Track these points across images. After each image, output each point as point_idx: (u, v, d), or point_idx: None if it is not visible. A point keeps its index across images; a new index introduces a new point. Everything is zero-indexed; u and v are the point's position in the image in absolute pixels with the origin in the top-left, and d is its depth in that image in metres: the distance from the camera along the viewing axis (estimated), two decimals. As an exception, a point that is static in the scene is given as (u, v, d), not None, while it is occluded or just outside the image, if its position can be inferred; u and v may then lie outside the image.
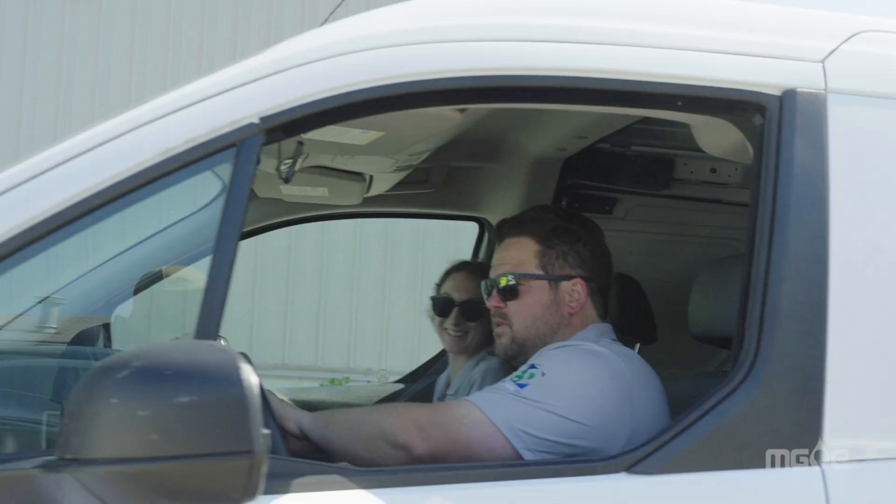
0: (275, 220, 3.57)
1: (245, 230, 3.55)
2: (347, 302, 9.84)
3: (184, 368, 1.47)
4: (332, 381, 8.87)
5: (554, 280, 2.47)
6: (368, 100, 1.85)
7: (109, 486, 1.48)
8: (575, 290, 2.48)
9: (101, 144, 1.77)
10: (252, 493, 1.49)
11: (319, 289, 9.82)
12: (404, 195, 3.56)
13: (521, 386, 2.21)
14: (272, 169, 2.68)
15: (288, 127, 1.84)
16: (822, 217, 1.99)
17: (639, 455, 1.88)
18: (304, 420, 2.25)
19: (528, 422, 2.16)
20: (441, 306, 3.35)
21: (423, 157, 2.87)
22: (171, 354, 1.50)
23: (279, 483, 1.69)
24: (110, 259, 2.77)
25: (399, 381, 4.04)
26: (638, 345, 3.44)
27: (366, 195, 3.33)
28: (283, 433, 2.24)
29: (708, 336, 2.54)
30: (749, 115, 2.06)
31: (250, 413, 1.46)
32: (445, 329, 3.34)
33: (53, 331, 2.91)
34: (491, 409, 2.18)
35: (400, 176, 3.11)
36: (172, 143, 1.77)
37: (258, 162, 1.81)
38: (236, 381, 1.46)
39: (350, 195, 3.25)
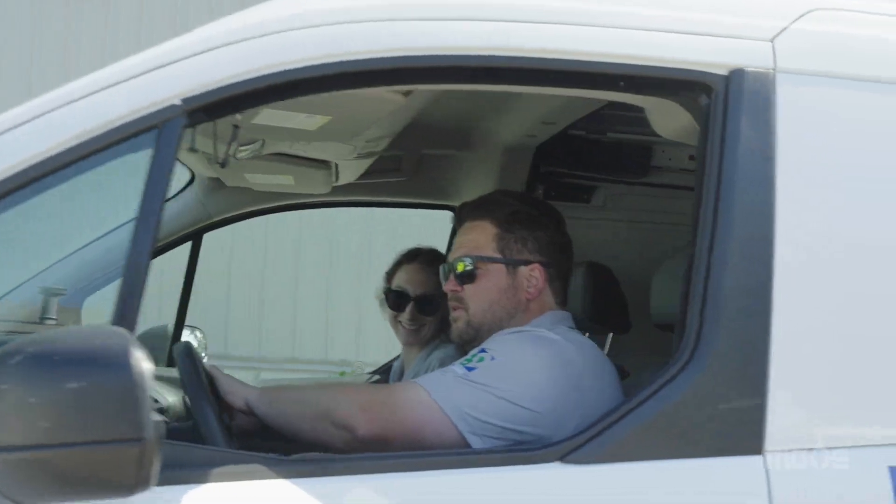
0: (245, 210, 3.53)
1: (217, 220, 3.55)
2: (356, 295, 9.83)
3: (74, 354, 1.43)
4: (342, 373, 8.83)
5: (512, 264, 2.43)
6: (293, 81, 1.80)
7: (2, 474, 1.44)
8: (533, 275, 2.44)
9: (14, 127, 1.73)
10: (145, 482, 1.45)
11: (328, 282, 9.80)
12: (376, 184, 3.51)
13: (470, 369, 2.18)
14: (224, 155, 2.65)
15: (211, 108, 1.80)
16: (767, 198, 1.93)
17: (573, 444, 1.83)
18: (251, 396, 2.23)
19: (474, 405, 2.12)
20: (395, 301, 3.28)
21: (384, 143, 2.82)
22: (65, 340, 1.46)
23: (196, 473, 1.66)
24: (23, 249, 2.73)
25: (375, 371, 4.00)
26: (611, 334, 3.40)
27: (335, 184, 3.29)
28: (230, 409, 2.23)
29: (668, 324, 2.49)
30: (695, 96, 2.01)
31: (140, 399, 1.42)
32: (400, 323, 3.28)
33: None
34: (438, 392, 2.14)
35: (366, 163, 3.07)
36: (90, 125, 1.73)
37: (181, 145, 1.77)
38: (125, 367, 1.42)
39: (317, 184, 3.21)
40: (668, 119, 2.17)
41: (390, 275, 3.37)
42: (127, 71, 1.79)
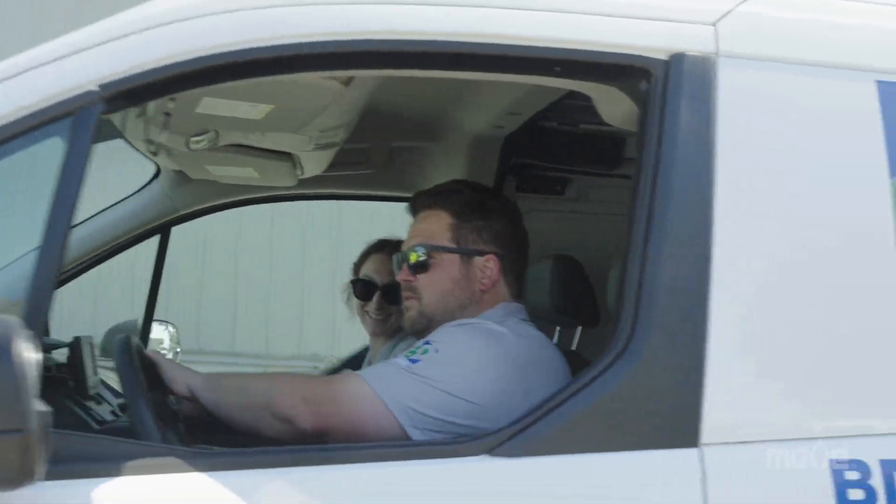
0: (213, 203, 3.48)
1: (184, 213, 3.51)
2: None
3: None
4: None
5: (466, 254, 2.39)
6: (212, 67, 1.76)
7: None
8: (487, 266, 2.40)
9: None
10: (29, 475, 1.41)
11: (333, 278, 9.79)
12: (344, 176, 3.46)
13: (414, 361, 2.15)
14: (182, 146, 2.62)
15: (131, 94, 1.76)
16: (706, 187, 1.89)
17: (502, 437, 1.79)
18: (194, 383, 2.21)
19: (416, 398, 2.09)
20: (363, 290, 3.27)
21: (341, 134, 2.77)
22: None
23: (105, 466, 1.63)
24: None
25: (344, 363, 3.96)
26: (580, 328, 3.35)
27: (301, 177, 3.24)
28: (173, 395, 2.22)
29: None
30: (634, 81, 1.96)
31: (22, 389, 1.38)
32: (367, 312, 3.26)
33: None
34: (380, 385, 2.11)
35: (328, 155, 3.02)
36: (2, 112, 1.70)
37: (98, 132, 1.73)
38: (7, 356, 1.38)
39: (282, 176, 3.16)
40: (613, 106, 2.12)
41: (358, 265, 3.37)
42: (42, 56, 1.76)
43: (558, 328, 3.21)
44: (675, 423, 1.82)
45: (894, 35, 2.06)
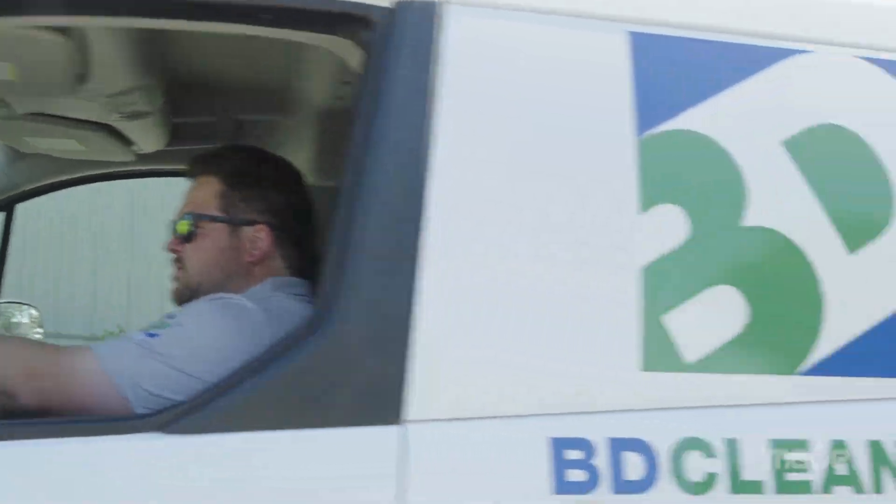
0: (58, 179, 3.33)
1: (27, 189, 3.38)
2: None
3: None
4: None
5: (234, 224, 2.25)
6: None
7: None
8: (258, 237, 2.25)
9: None
10: None
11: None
12: (191, 151, 3.31)
13: (151, 336, 2.00)
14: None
15: None
16: (421, 146, 1.74)
17: (177, 413, 1.66)
18: None
19: (148, 376, 1.95)
20: None
21: (141, 102, 2.60)
22: None
23: None
24: None
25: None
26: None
27: (140, 151, 3.11)
28: None
29: None
30: (357, 31, 1.82)
31: None
32: None
33: None
34: (110, 361, 1.97)
35: (147, 125, 2.87)
36: None
37: None
38: None
39: (111, 150, 3.01)
40: (353, 61, 1.97)
41: None
42: None
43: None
44: (375, 398, 1.68)
45: (650, -18, 1.91)
